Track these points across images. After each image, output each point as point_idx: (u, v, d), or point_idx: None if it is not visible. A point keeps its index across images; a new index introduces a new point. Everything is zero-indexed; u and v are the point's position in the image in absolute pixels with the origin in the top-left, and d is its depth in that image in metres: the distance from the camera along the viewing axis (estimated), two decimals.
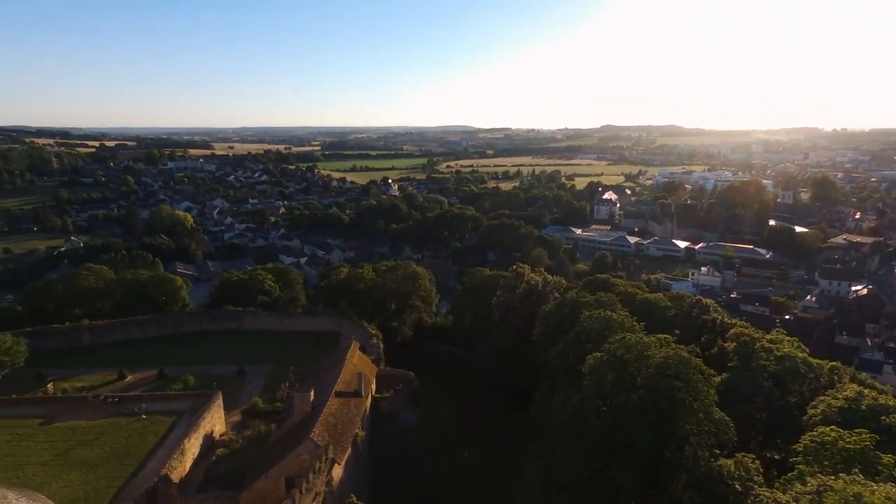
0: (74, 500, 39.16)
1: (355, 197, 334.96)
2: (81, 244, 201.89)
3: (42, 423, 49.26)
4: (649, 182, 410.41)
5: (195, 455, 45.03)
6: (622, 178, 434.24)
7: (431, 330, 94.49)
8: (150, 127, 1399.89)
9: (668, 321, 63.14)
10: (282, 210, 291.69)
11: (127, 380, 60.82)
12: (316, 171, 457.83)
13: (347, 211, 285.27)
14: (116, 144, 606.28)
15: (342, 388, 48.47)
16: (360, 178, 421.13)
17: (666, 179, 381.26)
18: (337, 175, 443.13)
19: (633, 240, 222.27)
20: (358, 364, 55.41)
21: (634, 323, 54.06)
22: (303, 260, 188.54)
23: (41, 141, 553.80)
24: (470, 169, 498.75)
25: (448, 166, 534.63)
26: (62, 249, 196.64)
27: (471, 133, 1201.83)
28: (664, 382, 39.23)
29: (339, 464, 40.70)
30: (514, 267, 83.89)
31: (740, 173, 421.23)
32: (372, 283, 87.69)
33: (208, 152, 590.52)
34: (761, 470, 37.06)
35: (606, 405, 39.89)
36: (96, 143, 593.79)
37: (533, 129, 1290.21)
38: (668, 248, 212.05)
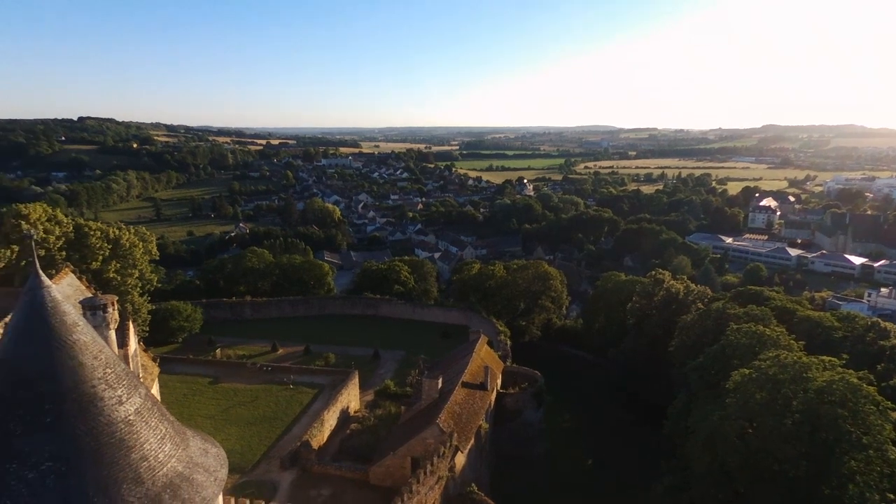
0: (232, 451, 44.27)
1: (490, 196, 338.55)
2: (248, 230, 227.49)
3: (210, 382, 56.34)
4: (819, 189, 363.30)
5: (332, 427, 48.66)
6: (785, 184, 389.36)
7: (560, 332, 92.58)
8: (308, 127, 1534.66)
9: (833, 344, 55.49)
10: (419, 206, 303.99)
11: (278, 352, 67.27)
12: (453, 169, 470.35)
13: (481, 209, 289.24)
14: (280, 143, 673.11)
15: (469, 380, 49.33)
16: (496, 178, 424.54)
17: (840, 186, 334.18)
18: (473, 174, 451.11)
19: (794, 252, 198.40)
20: (485, 358, 56.02)
21: (792, 341, 48.33)
22: (437, 255, 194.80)
23: (221, 139, 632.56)
24: (609, 170, 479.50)
25: (586, 167, 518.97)
26: (232, 234, 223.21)
27: (612, 133, 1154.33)
28: (826, 410, 34.61)
29: (462, 452, 41.53)
30: (653, 273, 79.23)
31: None
32: (502, 280, 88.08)
33: (356, 150, 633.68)
34: None
35: (752, 427, 36.18)
36: (264, 142, 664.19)
37: (681, 130, 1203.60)
38: (838, 263, 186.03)
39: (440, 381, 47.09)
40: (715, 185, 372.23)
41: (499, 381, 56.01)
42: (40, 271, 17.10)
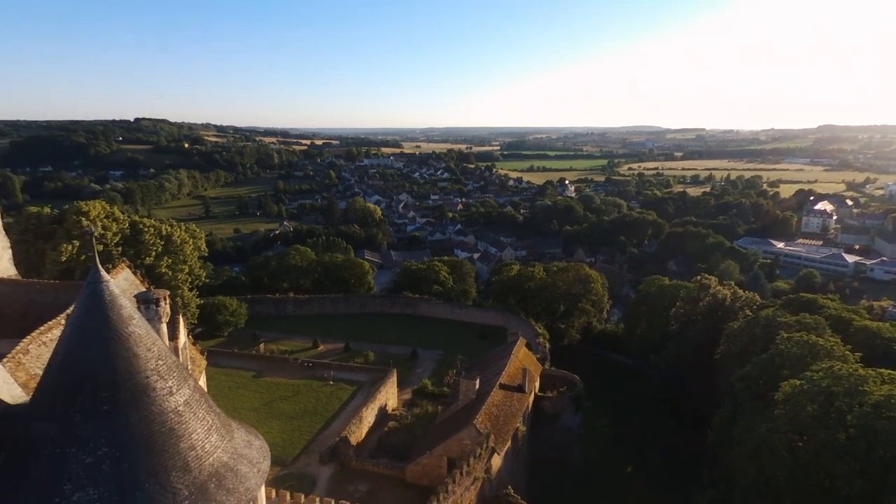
0: (273, 444, 45.17)
1: (530, 197, 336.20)
2: (291, 228, 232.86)
3: (254, 376, 57.97)
4: (880, 192, 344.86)
5: (370, 424, 49.31)
6: (842, 187, 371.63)
7: (600, 336, 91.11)
8: (351, 128, 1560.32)
9: (894, 356, 52.66)
10: (459, 207, 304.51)
11: (319, 348, 68.63)
12: (494, 170, 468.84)
13: (522, 210, 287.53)
14: (323, 143, 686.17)
15: (506, 382, 49.15)
16: (537, 178, 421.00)
17: None
18: (514, 174, 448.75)
19: (851, 259, 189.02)
20: (523, 360, 55.68)
21: (847, 352, 46.13)
22: (476, 255, 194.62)
23: (267, 139, 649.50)
24: (654, 172, 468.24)
25: (630, 168, 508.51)
26: (277, 232, 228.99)
27: (657, 134, 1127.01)
28: (884, 426, 32.87)
29: (498, 454, 41.43)
30: (699, 278, 76.99)
31: None
32: (542, 282, 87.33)
33: (398, 151, 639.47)
34: None
35: (802, 440, 34.74)
36: (308, 142, 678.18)
37: (731, 130, 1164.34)
38: None
39: (478, 381, 47.09)
40: (766, 187, 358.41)
41: (537, 384, 55.59)
42: (100, 266, 18.01)
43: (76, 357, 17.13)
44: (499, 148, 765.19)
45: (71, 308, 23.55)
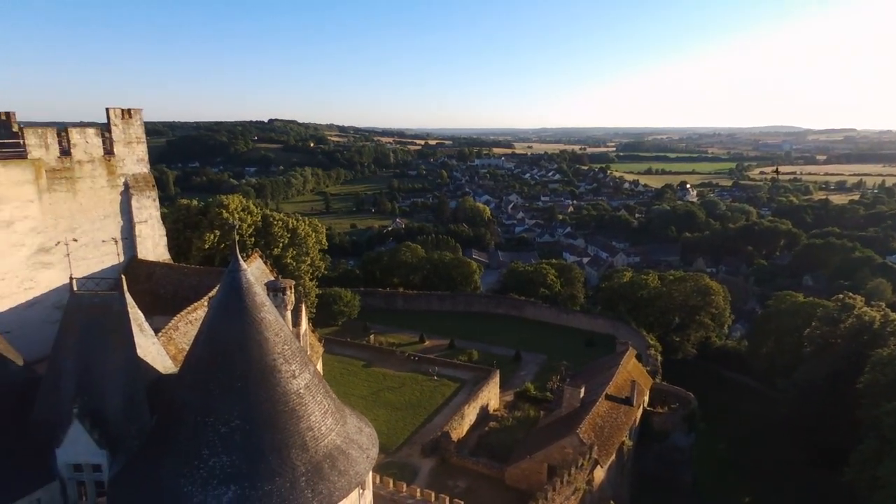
0: (379, 432, 46.53)
1: (647, 200, 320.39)
2: (403, 226, 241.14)
3: (364, 365, 60.92)
4: None
5: (471, 422, 49.85)
6: None
7: (720, 353, 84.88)
8: (463, 128, 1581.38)
9: None
10: (570, 209, 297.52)
11: (425, 344, 70.51)
12: (608, 171, 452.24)
13: (636, 214, 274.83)
14: (437, 143, 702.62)
15: (613, 393, 47.42)
16: (655, 181, 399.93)
17: None
18: (630, 177, 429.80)
19: None
20: (632, 372, 53.37)
21: None
22: (585, 259, 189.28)
23: (384, 139, 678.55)
24: (791, 177, 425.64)
25: (762, 172, 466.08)
26: (389, 228, 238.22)
27: (797, 134, 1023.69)
28: None
29: (601, 466, 40.13)
30: (841, 296, 69.09)
31: None
32: (656, 291, 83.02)
33: (509, 151, 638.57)
34: None
35: None
36: (422, 142, 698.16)
37: (888, 131, 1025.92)
38: None
39: (583, 390, 45.92)
40: None
41: (646, 399, 53.07)
42: (239, 257, 20.03)
43: (216, 337, 19.21)
44: (614, 149, 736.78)
45: (213, 291, 26.41)
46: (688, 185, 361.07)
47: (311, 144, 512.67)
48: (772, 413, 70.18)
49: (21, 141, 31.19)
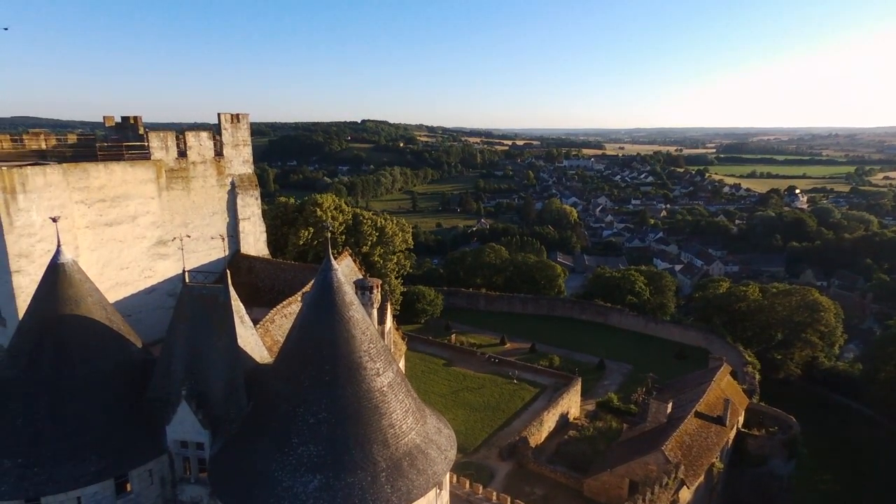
0: (457, 432, 46.94)
1: (749, 206, 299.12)
2: (488, 226, 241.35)
3: (444, 364, 61.77)
4: None
5: (550, 429, 49.14)
6: None
7: (828, 374, 77.78)
8: (552, 128, 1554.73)
9: None
10: (663, 213, 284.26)
11: (506, 346, 70.24)
12: (707, 174, 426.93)
13: (737, 220, 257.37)
14: (524, 143, 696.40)
15: (704, 410, 44.87)
16: (759, 186, 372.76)
17: None
18: (731, 180, 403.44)
19: None
20: (726, 389, 50.19)
21: None
22: (678, 267, 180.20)
23: (472, 139, 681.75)
24: None
25: (887, 178, 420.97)
26: (474, 229, 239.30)
27: None
28: None
29: (688, 487, 38.11)
30: None
31: None
32: (756, 304, 77.48)
33: (599, 152, 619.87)
34: None
35: None
36: (509, 142, 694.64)
37: None
38: None
39: (671, 405, 43.94)
40: None
41: (740, 419, 49.76)
42: (332, 256, 21.08)
43: (308, 332, 20.34)
44: (714, 151, 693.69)
45: (307, 287, 27.92)
46: (797, 191, 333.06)
47: (401, 144, 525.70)
48: (889, 445, 63.42)
49: (146, 143, 34.60)
